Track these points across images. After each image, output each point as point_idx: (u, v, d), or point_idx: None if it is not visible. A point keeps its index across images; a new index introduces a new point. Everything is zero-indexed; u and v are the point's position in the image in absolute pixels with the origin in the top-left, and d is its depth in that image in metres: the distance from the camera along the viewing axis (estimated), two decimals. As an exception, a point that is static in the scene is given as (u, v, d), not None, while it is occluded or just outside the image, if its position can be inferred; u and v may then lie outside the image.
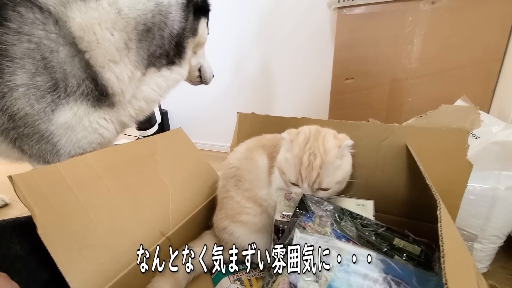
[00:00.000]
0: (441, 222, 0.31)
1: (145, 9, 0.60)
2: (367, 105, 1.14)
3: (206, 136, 1.82)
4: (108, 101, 0.60)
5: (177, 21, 0.67)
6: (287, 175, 0.54)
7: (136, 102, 0.66)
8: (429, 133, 0.59)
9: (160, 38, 0.64)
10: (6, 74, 0.49)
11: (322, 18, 1.37)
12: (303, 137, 0.55)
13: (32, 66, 0.50)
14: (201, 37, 0.76)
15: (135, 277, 0.51)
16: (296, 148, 0.53)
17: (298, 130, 0.58)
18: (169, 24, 0.65)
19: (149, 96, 0.68)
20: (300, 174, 0.51)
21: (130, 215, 0.55)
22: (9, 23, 0.49)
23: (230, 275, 0.61)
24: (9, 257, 0.44)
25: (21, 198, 0.41)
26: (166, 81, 0.71)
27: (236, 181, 0.64)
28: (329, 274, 0.42)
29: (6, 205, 1.12)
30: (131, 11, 0.58)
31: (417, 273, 0.41)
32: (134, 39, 0.60)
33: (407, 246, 0.47)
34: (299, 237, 0.47)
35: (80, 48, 0.55)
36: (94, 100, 0.58)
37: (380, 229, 0.48)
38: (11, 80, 0.50)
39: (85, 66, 0.55)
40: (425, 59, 1.01)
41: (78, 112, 0.56)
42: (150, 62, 0.65)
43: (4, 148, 0.56)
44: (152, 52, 0.64)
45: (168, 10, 0.64)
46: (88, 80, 0.56)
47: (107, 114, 0.61)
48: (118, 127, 0.67)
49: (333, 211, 0.50)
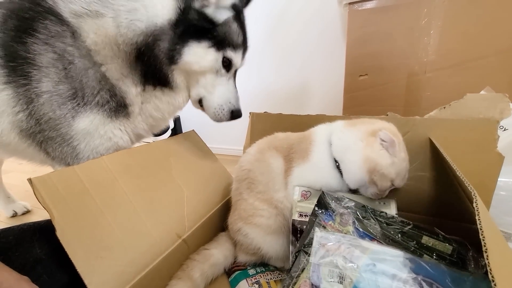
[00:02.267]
0: (479, 216, 0.29)
1: (136, 30, 0.57)
2: (382, 102, 1.10)
3: (219, 140, 1.82)
4: (125, 112, 0.62)
5: (159, 45, 0.58)
6: (390, 178, 0.50)
7: (145, 118, 0.67)
8: (454, 125, 0.56)
9: (147, 60, 0.59)
10: (34, 81, 0.53)
11: (332, 15, 1.35)
12: (400, 137, 0.54)
13: (55, 75, 0.54)
14: (191, 65, 0.61)
15: (152, 280, 0.50)
16: (402, 152, 0.52)
17: (390, 129, 0.53)
18: (152, 48, 0.58)
19: (152, 114, 0.67)
20: (403, 177, 0.51)
21: (146, 217, 0.55)
22: (38, 34, 0.53)
23: (248, 278, 0.59)
24: (30, 261, 0.45)
25: (40, 201, 0.42)
26: (161, 102, 0.66)
27: (249, 183, 0.63)
28: (354, 275, 0.39)
29: (28, 211, 1.15)
30: (128, 30, 0.57)
31: (451, 273, 0.38)
32: (133, 57, 0.59)
33: (437, 244, 0.44)
34: (320, 237, 0.45)
35: (95, 60, 0.57)
36: (110, 110, 0.59)
37: (407, 227, 0.45)
38: (38, 87, 0.53)
39: (100, 78, 0.57)
40: (444, 51, 0.96)
41: (94, 120, 0.58)
42: (146, 81, 0.63)
43: (31, 151, 0.60)
44: (145, 72, 0.61)
45: (156, 31, 0.57)
46: (104, 91, 0.58)
47: (123, 125, 0.63)
48: (133, 137, 0.67)
49: (354, 208, 0.48)
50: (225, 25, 0.63)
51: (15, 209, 1.12)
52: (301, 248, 0.47)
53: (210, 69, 0.65)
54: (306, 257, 0.45)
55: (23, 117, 0.55)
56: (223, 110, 0.69)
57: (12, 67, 0.53)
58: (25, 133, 0.57)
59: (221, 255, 0.62)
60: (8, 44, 0.53)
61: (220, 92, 0.68)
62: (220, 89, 0.68)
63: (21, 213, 1.13)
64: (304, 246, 0.47)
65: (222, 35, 0.63)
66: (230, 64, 0.67)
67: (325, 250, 0.43)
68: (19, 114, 0.55)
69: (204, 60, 0.62)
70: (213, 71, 0.66)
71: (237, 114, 0.71)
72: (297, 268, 0.45)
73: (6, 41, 0.53)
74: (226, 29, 0.63)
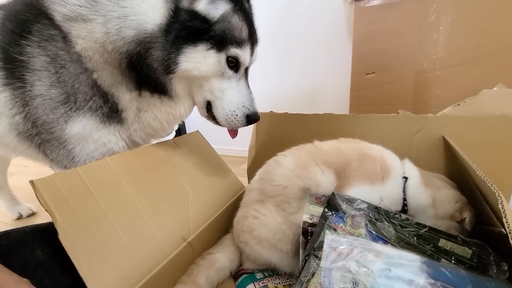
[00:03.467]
0: (506, 218, 0.26)
1: (126, 37, 0.53)
2: (390, 101, 1.08)
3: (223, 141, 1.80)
4: (118, 118, 0.59)
5: (152, 54, 0.54)
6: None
7: (143, 127, 0.63)
8: (469, 122, 0.54)
9: (141, 69, 0.55)
10: (28, 84, 0.52)
11: (336, 13, 1.33)
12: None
13: (48, 79, 0.53)
14: (190, 72, 0.56)
15: (157, 284, 0.49)
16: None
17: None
18: (145, 57, 0.54)
19: (150, 123, 0.62)
20: None
21: (150, 220, 0.53)
22: (32, 37, 0.52)
23: (256, 282, 0.57)
24: (31, 264, 0.44)
25: (42, 203, 0.41)
26: (160, 112, 0.61)
27: (281, 202, 0.56)
28: (368, 281, 0.37)
29: (33, 214, 1.15)
30: (117, 37, 0.53)
31: (472, 279, 0.36)
32: (125, 65, 0.56)
33: (455, 248, 0.42)
34: (331, 240, 0.43)
35: (86, 67, 0.55)
36: (103, 116, 0.57)
37: (422, 230, 0.43)
38: (32, 90, 0.53)
39: (92, 84, 0.55)
40: (454, 48, 0.94)
41: (87, 125, 0.56)
42: (141, 87, 0.59)
43: (31, 152, 0.60)
44: (139, 80, 0.57)
45: (147, 39, 0.53)
46: (96, 97, 0.56)
47: (117, 131, 0.60)
48: (130, 144, 0.65)
49: (366, 210, 0.46)
50: (223, 21, 0.56)
51: (20, 211, 1.12)
52: (311, 252, 0.45)
53: (213, 73, 0.58)
54: (316, 261, 0.43)
55: (20, 120, 0.55)
56: (236, 116, 0.61)
57: (10, 69, 0.53)
58: (22, 136, 0.57)
59: (227, 259, 0.60)
60: (6, 46, 0.52)
61: (230, 97, 0.61)
62: (230, 93, 0.61)
63: (26, 215, 1.12)
64: (314, 250, 0.45)
65: (221, 33, 0.56)
66: (237, 63, 0.60)
67: (337, 253, 0.41)
68: (16, 116, 0.55)
69: (204, 65, 0.56)
70: (218, 75, 0.59)
71: (254, 118, 0.63)
72: (307, 272, 0.43)
73: (4, 43, 0.52)
74: (225, 25, 0.56)
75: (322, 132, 0.67)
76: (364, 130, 0.68)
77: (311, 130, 0.64)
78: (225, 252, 0.61)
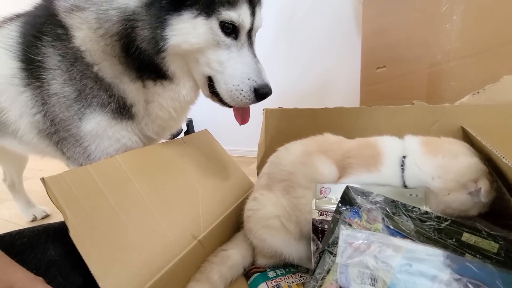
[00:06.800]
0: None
1: (112, 18, 0.52)
2: (403, 94, 1.04)
3: (232, 141, 1.80)
4: (128, 114, 0.59)
5: (139, 34, 0.51)
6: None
7: (153, 119, 0.62)
8: (490, 111, 0.51)
9: (133, 52, 0.53)
10: (45, 83, 0.54)
11: (344, 7, 1.31)
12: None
13: (61, 77, 0.54)
14: (180, 46, 0.51)
15: (168, 282, 0.48)
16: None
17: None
18: (133, 38, 0.52)
19: (158, 113, 0.61)
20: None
21: (161, 218, 0.53)
22: (46, 37, 0.54)
23: (268, 281, 0.56)
24: (44, 263, 0.44)
25: (53, 200, 0.41)
26: (164, 99, 0.59)
27: (287, 186, 0.58)
28: (388, 277, 0.35)
29: (47, 216, 1.17)
30: (106, 21, 0.52)
31: (500, 274, 0.33)
32: (119, 51, 0.54)
33: (480, 242, 0.39)
34: (346, 235, 0.41)
35: (88, 61, 0.55)
36: (114, 112, 0.57)
37: (444, 223, 0.41)
38: (49, 89, 0.55)
39: (95, 79, 0.56)
40: (468, 37, 0.90)
41: (101, 122, 0.57)
42: (143, 75, 0.57)
43: (49, 151, 0.62)
44: (138, 67, 0.55)
45: (130, 17, 0.51)
46: (102, 91, 0.56)
47: (129, 126, 0.61)
48: (143, 139, 0.65)
49: (383, 204, 0.44)
50: None
51: (35, 213, 1.14)
52: (325, 248, 0.43)
53: (206, 44, 0.52)
54: (331, 258, 0.41)
55: (40, 118, 0.57)
56: (241, 91, 0.54)
57: (30, 70, 0.55)
58: (42, 134, 0.59)
59: (239, 256, 0.59)
60: (26, 48, 0.55)
61: (232, 69, 0.54)
62: (231, 65, 0.54)
63: (40, 217, 1.15)
64: (328, 246, 0.43)
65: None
66: (235, 28, 0.53)
67: (353, 249, 0.39)
68: (36, 115, 0.57)
69: (193, 36, 0.50)
70: (213, 45, 0.52)
71: (264, 92, 0.55)
72: (322, 269, 0.41)
73: (25, 46, 0.55)
74: None
75: (333, 126, 0.65)
76: (377, 123, 0.66)
77: (321, 125, 0.62)
78: (238, 248, 0.61)
